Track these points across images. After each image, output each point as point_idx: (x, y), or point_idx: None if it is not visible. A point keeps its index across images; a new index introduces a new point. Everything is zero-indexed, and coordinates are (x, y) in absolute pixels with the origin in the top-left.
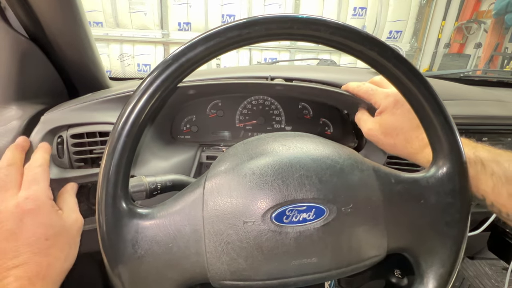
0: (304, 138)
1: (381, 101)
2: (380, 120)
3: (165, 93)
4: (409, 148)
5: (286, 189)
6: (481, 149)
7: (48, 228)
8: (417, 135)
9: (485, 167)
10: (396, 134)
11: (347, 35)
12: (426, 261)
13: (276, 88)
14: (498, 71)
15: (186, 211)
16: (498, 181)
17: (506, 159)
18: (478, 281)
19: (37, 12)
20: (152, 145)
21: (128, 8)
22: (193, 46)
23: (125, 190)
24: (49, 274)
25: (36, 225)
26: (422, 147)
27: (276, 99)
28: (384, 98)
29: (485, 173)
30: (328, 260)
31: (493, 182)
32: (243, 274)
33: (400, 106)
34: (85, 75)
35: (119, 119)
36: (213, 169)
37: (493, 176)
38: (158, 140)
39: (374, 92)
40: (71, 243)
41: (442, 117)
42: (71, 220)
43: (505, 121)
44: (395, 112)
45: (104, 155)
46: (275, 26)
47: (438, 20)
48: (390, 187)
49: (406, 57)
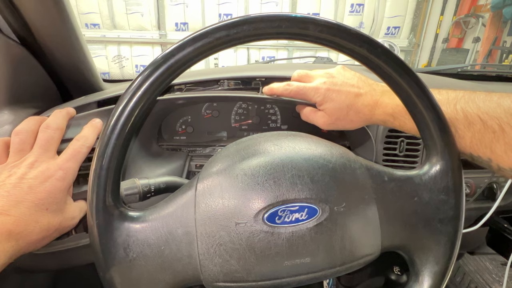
0: (296, 138)
1: (315, 97)
2: (326, 111)
3: (154, 95)
4: (362, 116)
5: (278, 190)
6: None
7: (54, 204)
8: (362, 102)
9: None
10: (345, 113)
11: (335, 33)
12: (420, 258)
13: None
14: (497, 65)
15: (178, 213)
16: None
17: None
18: (479, 276)
19: (26, 17)
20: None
21: (124, 10)
22: (182, 47)
23: (116, 193)
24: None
25: (51, 194)
26: (371, 109)
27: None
28: (316, 94)
29: None
30: (322, 260)
31: None
32: (236, 276)
33: (332, 91)
34: (78, 78)
35: (108, 121)
36: (205, 171)
37: None
38: (145, 151)
39: (304, 91)
40: (56, 231)
41: (435, 114)
42: (71, 214)
43: None
44: (332, 98)
45: (94, 158)
46: (263, 26)
47: (436, 15)
48: (383, 185)
49: (400, 54)
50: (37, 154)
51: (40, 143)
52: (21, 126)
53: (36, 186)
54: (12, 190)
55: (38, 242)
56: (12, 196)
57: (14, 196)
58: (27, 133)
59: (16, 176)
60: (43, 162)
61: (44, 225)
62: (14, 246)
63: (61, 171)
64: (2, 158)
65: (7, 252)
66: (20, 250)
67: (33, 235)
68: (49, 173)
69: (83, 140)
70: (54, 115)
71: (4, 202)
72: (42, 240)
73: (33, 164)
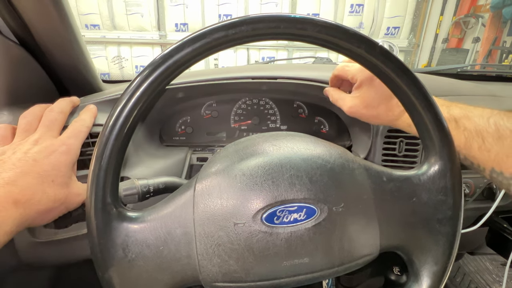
0: (295, 138)
1: (358, 75)
2: (360, 94)
3: (153, 95)
4: (391, 115)
5: (276, 190)
6: (454, 107)
7: (60, 177)
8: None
9: (458, 124)
10: (377, 104)
11: (333, 33)
12: (419, 259)
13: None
14: (497, 65)
15: (176, 213)
16: (469, 136)
17: (476, 115)
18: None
19: (25, 17)
20: (144, 147)
21: (124, 10)
22: (180, 47)
23: (115, 193)
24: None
25: (56, 167)
26: (402, 112)
27: (270, 99)
28: (360, 72)
29: (458, 129)
30: (320, 260)
31: (464, 137)
32: (235, 276)
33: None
34: (77, 78)
35: (107, 121)
36: (204, 171)
37: (464, 131)
38: (149, 143)
39: (350, 68)
40: (63, 205)
41: (433, 114)
42: (76, 190)
43: None
44: (373, 83)
45: (93, 158)
46: (261, 26)
47: (435, 15)
48: (381, 185)
49: (399, 54)
50: (40, 132)
51: (44, 123)
52: (28, 111)
53: (41, 159)
54: (17, 163)
55: (46, 213)
56: (18, 168)
57: (20, 168)
58: (33, 115)
59: (21, 152)
60: (47, 139)
61: (51, 195)
62: (22, 213)
63: (65, 146)
64: (8, 139)
65: (15, 219)
66: (28, 219)
67: (40, 205)
68: (53, 148)
69: (81, 121)
70: (59, 102)
71: (11, 174)
72: (50, 211)
73: (37, 141)
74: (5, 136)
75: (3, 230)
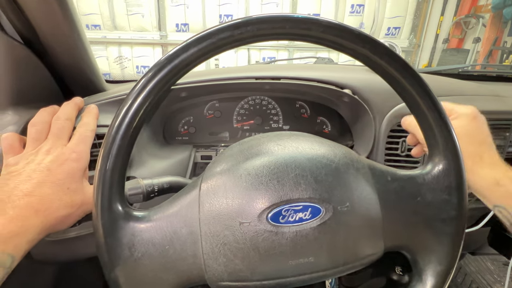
0: (299, 138)
1: (460, 109)
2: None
3: (158, 96)
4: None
5: (281, 189)
6: None
7: (74, 183)
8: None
9: None
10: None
11: (338, 33)
12: (423, 258)
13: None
14: (497, 65)
15: (182, 213)
16: None
17: None
18: (480, 276)
19: (30, 17)
20: (148, 147)
21: (125, 11)
22: (186, 48)
23: (121, 193)
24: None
25: (69, 175)
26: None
27: (273, 99)
28: (464, 108)
29: None
30: (325, 259)
31: None
32: (240, 275)
33: (477, 120)
34: (81, 78)
35: (113, 122)
36: (209, 170)
37: None
38: (154, 141)
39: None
40: (81, 209)
41: (437, 114)
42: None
43: (503, 116)
44: (470, 121)
45: (99, 158)
46: (266, 26)
47: (436, 16)
48: (386, 185)
49: (401, 54)
50: (51, 142)
51: (53, 132)
52: (36, 118)
53: (54, 168)
54: (33, 174)
55: (65, 218)
56: (34, 179)
57: (36, 179)
58: (42, 124)
59: (34, 163)
60: (57, 148)
61: (68, 202)
62: (44, 221)
63: (75, 154)
64: (18, 149)
65: (37, 228)
66: (50, 226)
67: (59, 212)
68: (64, 156)
69: (86, 125)
70: (64, 107)
71: (28, 185)
72: (69, 217)
73: (49, 151)
74: (12, 146)
75: (26, 239)
